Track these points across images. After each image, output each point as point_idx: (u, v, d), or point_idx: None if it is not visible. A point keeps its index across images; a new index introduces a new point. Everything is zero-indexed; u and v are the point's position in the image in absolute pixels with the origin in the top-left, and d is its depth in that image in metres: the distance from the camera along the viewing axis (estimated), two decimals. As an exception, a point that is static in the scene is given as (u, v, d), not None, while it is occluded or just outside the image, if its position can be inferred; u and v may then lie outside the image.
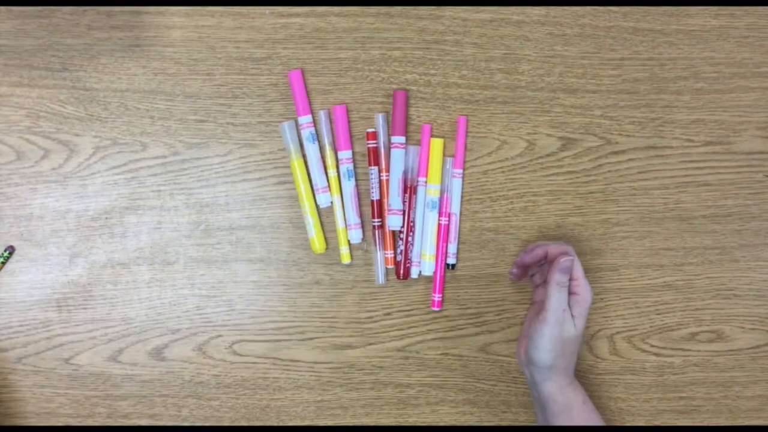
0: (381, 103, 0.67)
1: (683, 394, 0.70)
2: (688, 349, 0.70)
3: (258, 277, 0.68)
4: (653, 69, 0.68)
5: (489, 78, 0.68)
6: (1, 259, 0.66)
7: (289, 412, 0.68)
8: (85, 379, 0.67)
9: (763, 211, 0.69)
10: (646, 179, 0.69)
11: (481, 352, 0.69)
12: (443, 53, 0.67)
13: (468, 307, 0.69)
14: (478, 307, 0.69)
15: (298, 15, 0.67)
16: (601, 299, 0.69)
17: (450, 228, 0.68)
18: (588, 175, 0.69)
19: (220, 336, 0.68)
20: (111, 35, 0.66)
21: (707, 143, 0.69)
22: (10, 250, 0.66)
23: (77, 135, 0.66)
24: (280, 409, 0.68)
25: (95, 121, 0.66)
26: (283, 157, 0.67)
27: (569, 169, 0.69)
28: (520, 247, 0.68)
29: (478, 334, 0.69)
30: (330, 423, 0.69)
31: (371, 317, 0.68)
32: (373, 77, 0.67)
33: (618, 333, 0.70)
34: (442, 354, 0.69)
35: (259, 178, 0.67)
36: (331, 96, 0.67)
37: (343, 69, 0.67)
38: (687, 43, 0.69)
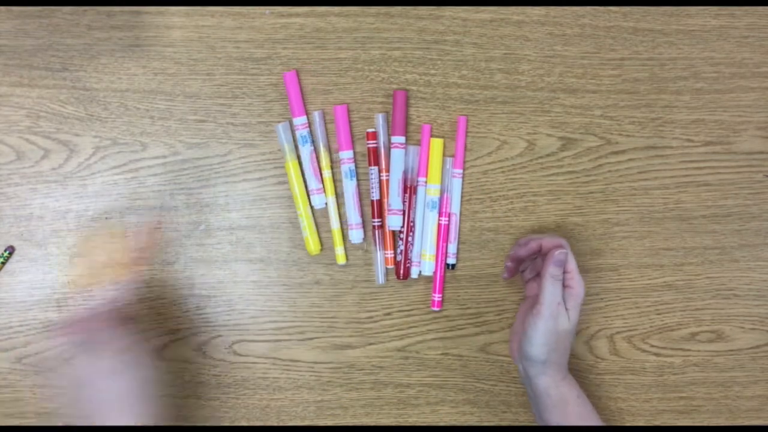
0: (381, 103, 0.67)
1: (683, 394, 0.70)
2: (688, 349, 0.70)
3: (258, 277, 0.68)
4: (653, 69, 0.68)
5: (489, 78, 0.68)
6: (1, 259, 0.66)
7: (289, 412, 0.68)
8: (85, 379, 0.67)
9: (763, 211, 0.69)
10: (646, 179, 0.69)
11: (481, 352, 0.69)
12: (443, 53, 0.67)
13: (468, 307, 0.69)
14: (478, 307, 0.69)
15: (298, 15, 0.67)
16: (601, 299, 0.69)
17: (450, 228, 0.68)
18: (588, 175, 0.69)
19: (220, 336, 0.68)
20: (111, 35, 0.66)
21: (707, 143, 0.69)
22: (10, 250, 0.66)
23: (77, 135, 0.66)
24: (280, 409, 0.68)
25: (95, 121, 0.66)
26: (283, 157, 0.67)
27: (569, 169, 0.68)
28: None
29: (478, 334, 0.69)
30: (330, 423, 0.69)
31: (371, 317, 0.68)
32: (373, 77, 0.67)
33: (618, 333, 0.70)
34: (442, 354, 0.69)
35: (259, 178, 0.67)
36: (331, 96, 0.67)
37: (343, 69, 0.67)
38: (687, 43, 0.69)
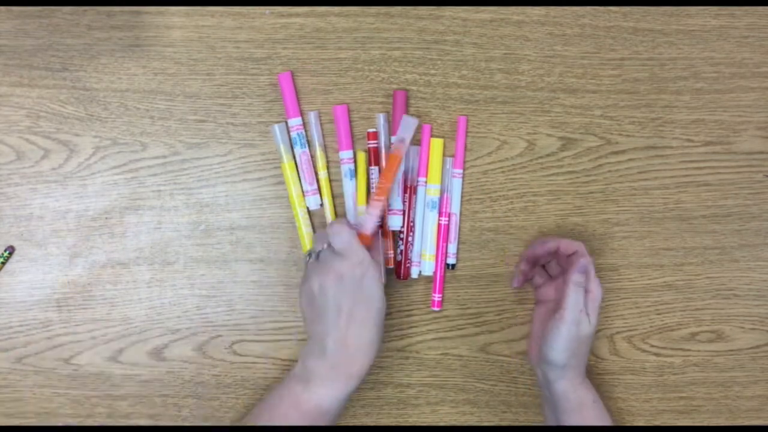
0: (381, 103, 0.67)
1: (683, 394, 0.70)
2: (688, 349, 0.70)
3: (258, 277, 0.68)
4: (653, 69, 0.68)
5: (489, 78, 0.68)
6: (1, 259, 0.66)
7: (289, 412, 0.68)
8: (85, 379, 0.67)
9: (763, 211, 0.69)
10: (646, 179, 0.69)
11: (481, 352, 0.69)
12: (443, 53, 0.67)
13: (468, 307, 0.69)
14: (478, 307, 0.69)
15: (298, 15, 0.67)
16: (601, 299, 0.69)
17: (450, 228, 0.68)
18: (588, 175, 0.69)
19: (220, 336, 0.68)
20: (111, 35, 0.66)
21: (707, 143, 0.69)
22: (10, 250, 0.66)
23: (77, 135, 0.66)
24: (280, 409, 0.68)
25: (95, 121, 0.66)
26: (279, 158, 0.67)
27: (569, 169, 0.68)
28: (521, 247, 0.68)
29: (478, 334, 0.69)
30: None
31: (371, 317, 0.68)
32: (373, 77, 0.67)
33: (618, 333, 0.70)
34: (442, 354, 0.69)
35: (259, 178, 0.67)
36: (331, 96, 0.67)
37: (343, 69, 0.67)
38: (687, 43, 0.69)
